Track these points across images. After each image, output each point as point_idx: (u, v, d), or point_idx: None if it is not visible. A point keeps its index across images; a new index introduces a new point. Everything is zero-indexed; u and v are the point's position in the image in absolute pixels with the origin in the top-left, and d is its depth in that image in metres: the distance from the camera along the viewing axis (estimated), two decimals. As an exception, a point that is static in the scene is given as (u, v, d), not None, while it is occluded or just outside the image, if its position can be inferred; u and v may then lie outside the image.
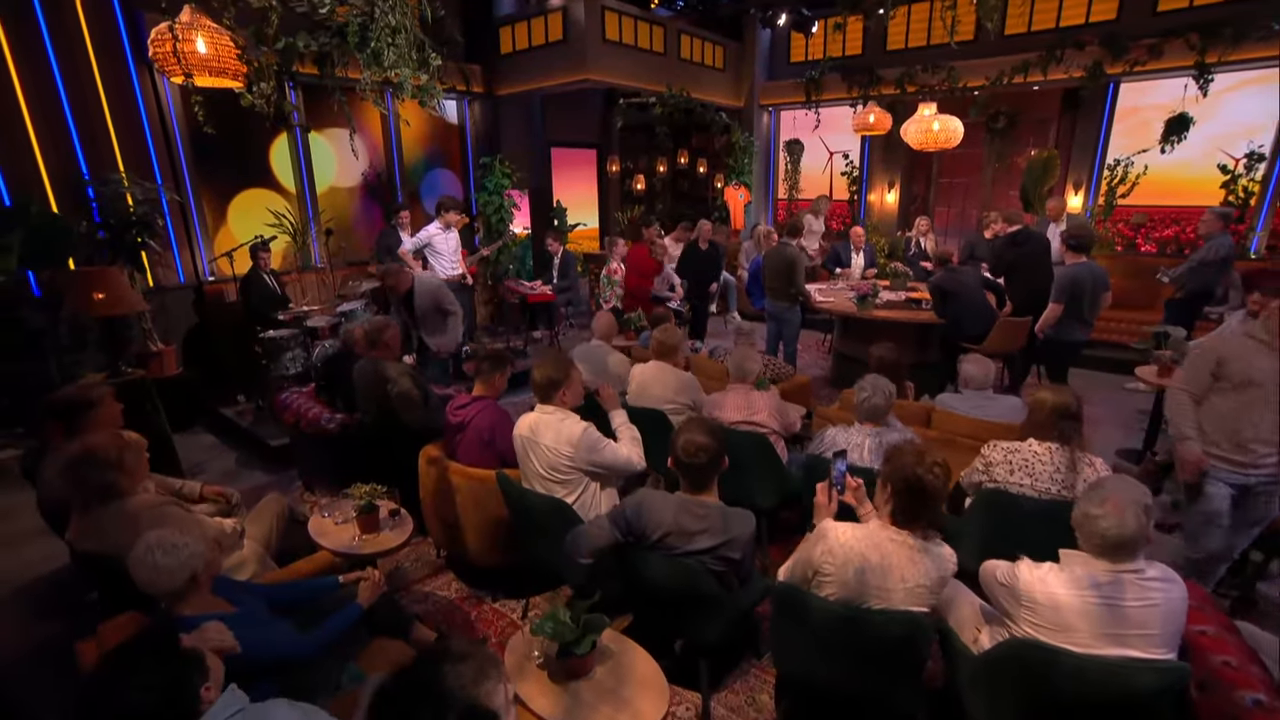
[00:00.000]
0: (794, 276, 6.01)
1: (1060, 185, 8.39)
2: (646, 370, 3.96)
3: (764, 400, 3.52)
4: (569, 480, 2.78)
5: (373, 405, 3.65)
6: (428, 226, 5.69)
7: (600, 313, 4.43)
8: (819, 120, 9.71)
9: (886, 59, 9.03)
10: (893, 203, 10.15)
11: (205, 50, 2.82)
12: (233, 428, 5.57)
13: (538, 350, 7.45)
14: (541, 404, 2.86)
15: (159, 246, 5.61)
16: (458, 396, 3.34)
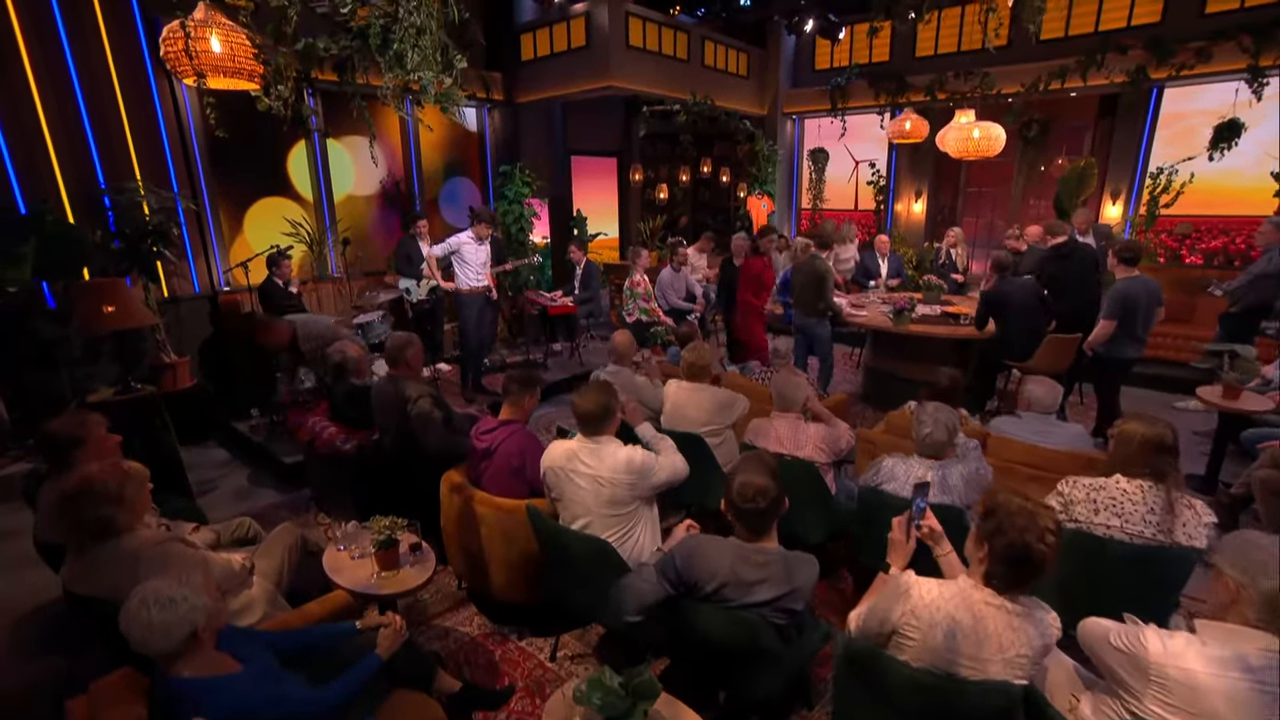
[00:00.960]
0: (823, 290, 5.77)
1: (1097, 195, 8.08)
2: (681, 392, 3.72)
3: (814, 433, 3.26)
4: (626, 513, 2.55)
5: (391, 426, 3.43)
6: (459, 234, 5.49)
7: (618, 331, 4.19)
8: (845, 128, 9.47)
9: (915, 65, 8.77)
10: (920, 213, 9.86)
11: (220, 49, 2.63)
12: (245, 443, 5.39)
13: (559, 364, 7.23)
14: (587, 436, 2.61)
15: (174, 256, 5.46)
16: (484, 419, 3.12)
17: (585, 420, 2.59)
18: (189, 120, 5.69)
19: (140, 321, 3.39)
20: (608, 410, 2.59)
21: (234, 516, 4.28)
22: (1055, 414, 3.71)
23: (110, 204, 5.16)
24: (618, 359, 4.08)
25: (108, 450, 2.69)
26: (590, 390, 2.61)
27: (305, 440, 3.76)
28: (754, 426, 3.39)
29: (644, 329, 6.57)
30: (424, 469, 3.34)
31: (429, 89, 3.49)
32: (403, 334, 3.42)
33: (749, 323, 6.22)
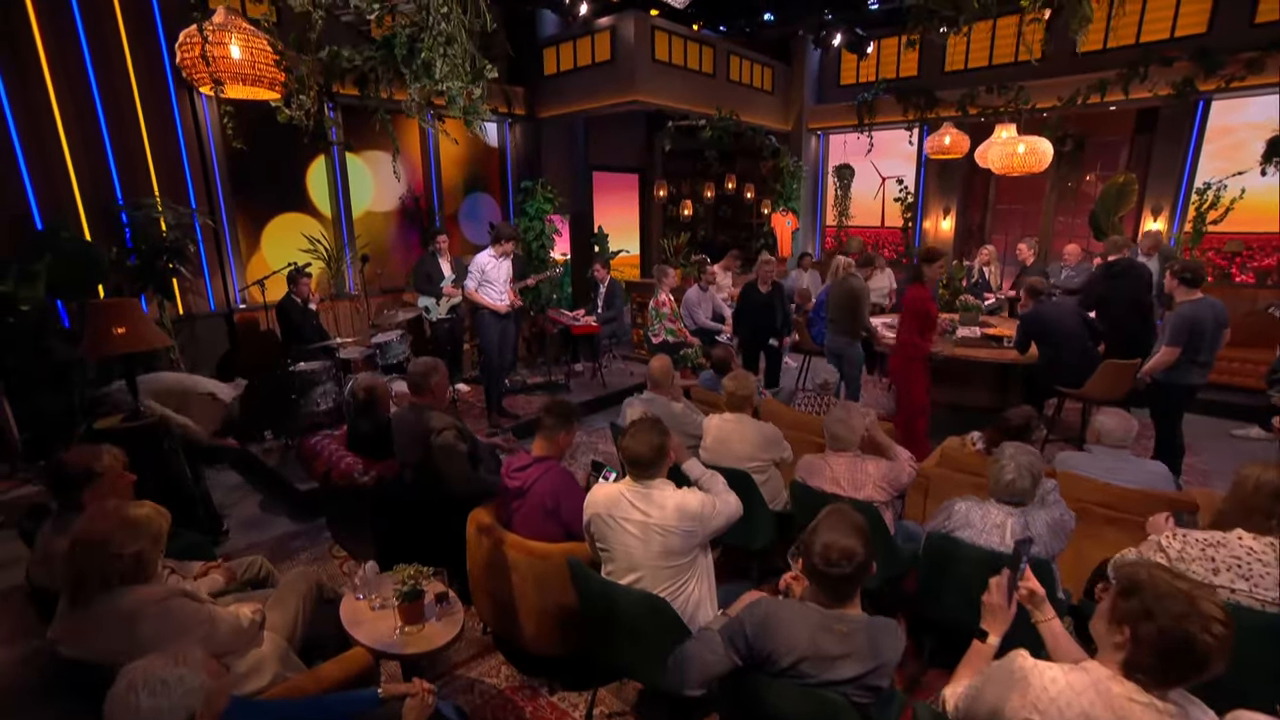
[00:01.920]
0: (858, 311, 5.50)
1: (1135, 211, 7.78)
2: (725, 424, 3.45)
3: (874, 471, 2.98)
4: (682, 564, 2.29)
5: (413, 458, 3.19)
6: (480, 255, 5.29)
7: (655, 357, 3.93)
8: (872, 144, 9.24)
9: (945, 80, 8.55)
10: (948, 230, 9.59)
11: (239, 55, 2.44)
12: (259, 467, 5.17)
13: (581, 385, 6.98)
14: (638, 480, 2.35)
15: (190, 274, 5.30)
16: (516, 455, 2.86)
17: (636, 464, 2.33)
18: (209, 135, 5.55)
19: (151, 344, 3.19)
20: (661, 452, 2.33)
21: (245, 548, 4.14)
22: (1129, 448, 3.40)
23: (127, 220, 5.01)
24: (654, 386, 3.83)
25: (120, 490, 2.46)
26: (641, 431, 2.35)
27: (321, 472, 3.52)
28: (806, 464, 3.12)
29: (671, 351, 6.31)
30: (448, 505, 3.10)
31: (457, 100, 3.28)
32: (427, 359, 3.18)
33: (910, 372, 4.73)
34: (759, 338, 6.20)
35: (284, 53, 2.58)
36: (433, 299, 6.22)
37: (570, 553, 2.64)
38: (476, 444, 3.22)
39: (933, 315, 4.75)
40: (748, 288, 6.21)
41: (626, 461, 2.37)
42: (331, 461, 3.50)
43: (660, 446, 2.34)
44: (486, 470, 3.19)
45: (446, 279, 6.22)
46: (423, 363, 3.15)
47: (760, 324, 6.14)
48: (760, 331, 6.17)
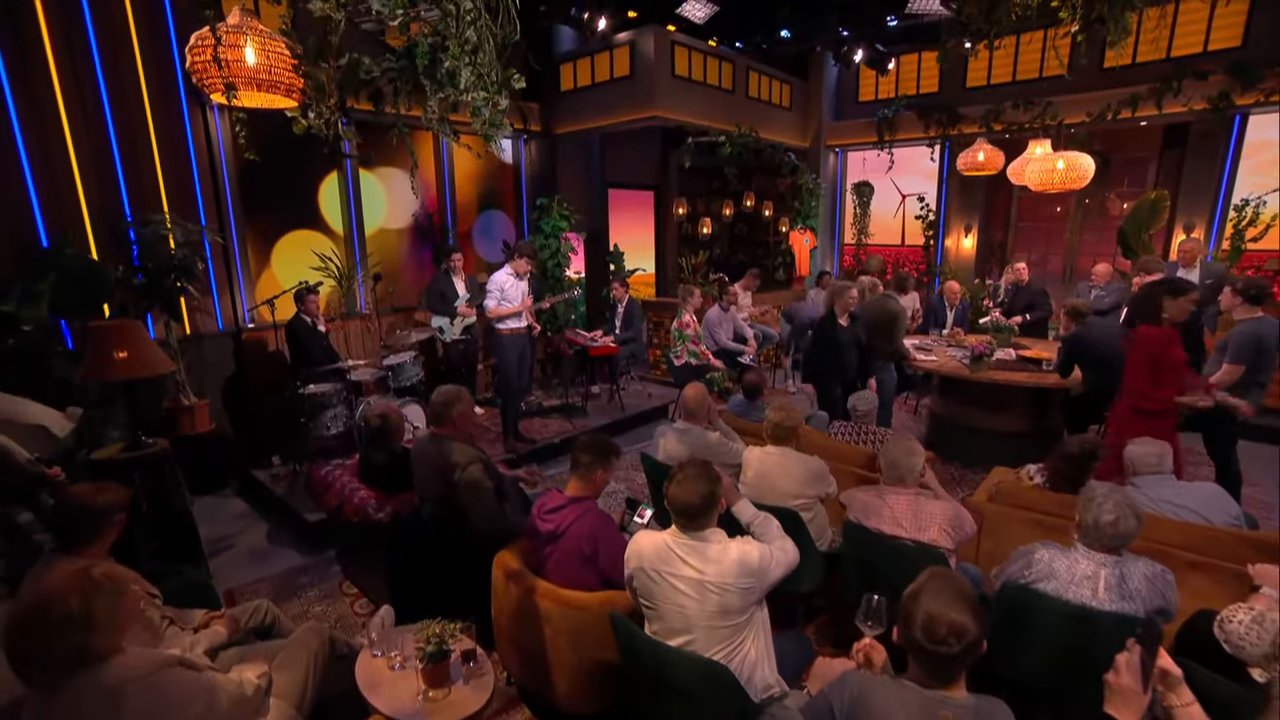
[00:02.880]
0: (894, 333, 5.27)
1: (1167, 229, 7.55)
2: (768, 458, 3.20)
3: (939, 512, 2.72)
4: (738, 623, 2.04)
5: (433, 494, 2.95)
6: (497, 273, 5.08)
7: (691, 385, 3.69)
8: (892, 161, 9.06)
9: (967, 96, 8.38)
10: (970, 248, 9.38)
11: (255, 60, 2.25)
12: (265, 495, 4.94)
13: (598, 408, 6.74)
14: (687, 531, 2.11)
15: (198, 292, 5.10)
16: (548, 494, 2.62)
17: (686, 513, 2.08)
18: (220, 149, 5.40)
19: (154, 370, 2.97)
20: (713, 501, 2.09)
21: (250, 584, 3.89)
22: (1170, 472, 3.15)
23: (135, 237, 4.83)
24: (688, 415, 3.58)
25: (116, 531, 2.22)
26: (689, 478, 2.10)
27: (333, 505, 3.28)
28: (861, 502, 2.86)
29: (694, 373, 6.08)
30: (470, 545, 2.85)
31: (482, 111, 3.08)
32: (450, 388, 2.95)
33: (1141, 430, 3.55)
34: (833, 384, 5.03)
35: (302, 57, 2.39)
36: (446, 319, 6.01)
37: (609, 603, 2.39)
38: (502, 480, 2.98)
39: (1176, 362, 3.83)
40: (825, 323, 5.13)
41: (674, 511, 2.12)
42: (344, 495, 3.25)
43: (711, 495, 2.09)
44: (512, 508, 2.95)
45: (461, 298, 6.01)
46: (446, 392, 2.92)
47: (835, 367, 5.00)
48: (834, 375, 5.01)
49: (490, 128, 3.85)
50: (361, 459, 3.45)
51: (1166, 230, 7.57)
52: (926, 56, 8.72)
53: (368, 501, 3.17)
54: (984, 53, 7.91)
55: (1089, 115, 7.16)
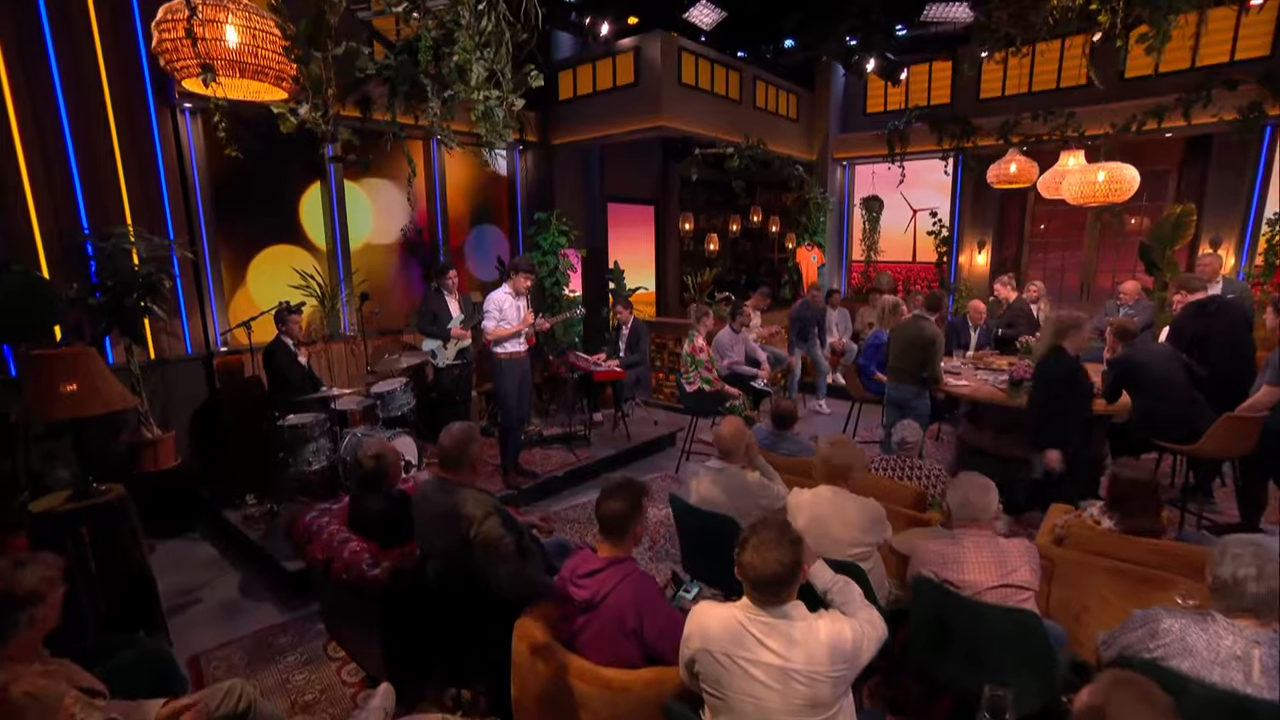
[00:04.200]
0: (931, 358, 5.03)
1: (1192, 245, 7.43)
2: (820, 501, 2.88)
3: (1020, 552, 2.43)
4: (832, 714, 1.73)
5: (439, 549, 2.59)
6: (495, 292, 4.76)
7: (726, 420, 3.37)
8: (904, 175, 8.91)
9: (980, 107, 8.26)
10: (983, 265, 9.22)
11: (238, 39, 1.92)
12: (238, 539, 4.52)
13: (602, 437, 6.39)
14: (765, 607, 1.78)
15: (164, 312, 4.71)
16: (579, 555, 2.27)
17: (765, 585, 1.75)
18: (191, 155, 5.05)
19: (109, 405, 2.60)
20: (797, 568, 1.77)
21: (218, 647, 3.46)
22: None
23: (93, 252, 4.44)
24: (724, 454, 3.25)
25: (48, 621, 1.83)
26: (767, 543, 1.76)
27: (320, 560, 2.90)
28: (935, 553, 2.54)
29: (707, 400, 5.77)
30: (484, 609, 2.49)
31: (495, 113, 2.78)
32: (462, 427, 2.61)
33: None
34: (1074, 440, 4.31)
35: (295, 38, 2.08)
36: (439, 342, 5.66)
37: (657, 684, 2.05)
38: (523, 533, 2.62)
39: None
40: (1059, 366, 4.27)
41: (750, 583, 1.79)
42: (332, 548, 2.87)
43: (795, 564, 1.78)
44: (533, 563, 2.59)
45: (454, 319, 5.67)
46: (458, 433, 2.56)
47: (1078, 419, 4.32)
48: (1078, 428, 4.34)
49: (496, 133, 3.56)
50: (352, 505, 3.08)
51: (1191, 246, 7.44)
52: (938, 67, 8.62)
53: (360, 556, 2.80)
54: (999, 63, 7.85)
55: (1112, 126, 7.03)
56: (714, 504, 3.22)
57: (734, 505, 3.19)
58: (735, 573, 1.83)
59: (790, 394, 7.85)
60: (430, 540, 2.63)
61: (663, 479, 5.81)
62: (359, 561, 2.78)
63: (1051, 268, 9.23)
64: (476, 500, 2.46)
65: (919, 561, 2.59)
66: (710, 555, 3.39)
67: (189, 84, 2.05)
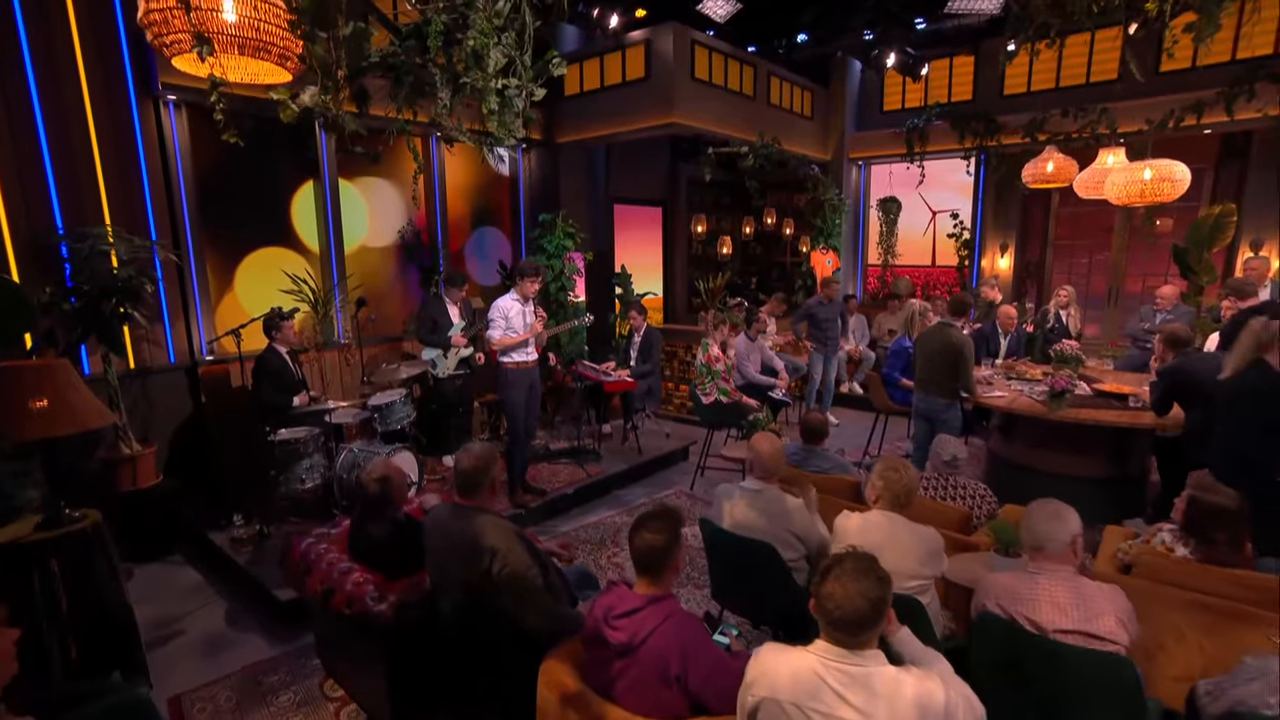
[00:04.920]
0: (961, 367, 4.88)
1: (1230, 246, 7.30)
2: (872, 527, 2.69)
3: (1106, 597, 2.24)
4: None
5: (454, 582, 2.40)
6: (501, 299, 4.59)
7: (763, 437, 3.19)
8: (923, 175, 8.78)
9: (1004, 104, 8.15)
10: (1006, 269, 9.09)
11: (237, 12, 1.75)
12: (224, 563, 4.32)
13: (612, 450, 6.20)
14: (842, 645, 1.60)
15: (145, 319, 4.52)
16: (613, 593, 2.08)
17: (848, 625, 1.58)
18: (175, 150, 4.87)
19: (83, 424, 2.41)
20: (884, 606, 1.60)
21: (204, 684, 3.25)
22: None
23: (68, 253, 4.26)
24: (761, 474, 3.08)
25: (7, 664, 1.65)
26: (849, 573, 1.60)
27: (317, 593, 2.71)
28: (1004, 587, 2.35)
29: (726, 413, 5.60)
30: (506, 650, 2.31)
31: (514, 102, 2.62)
32: (481, 447, 2.42)
33: None
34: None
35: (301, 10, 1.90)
36: (439, 350, 5.48)
37: (706, 739, 1.87)
38: (548, 565, 2.44)
39: None
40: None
41: (828, 620, 1.61)
42: (332, 579, 2.68)
43: (882, 602, 1.61)
44: (559, 598, 2.41)
45: (456, 327, 5.49)
46: (477, 455, 2.37)
47: None
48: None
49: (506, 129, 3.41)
50: (354, 530, 2.89)
51: (1230, 248, 7.32)
52: (959, 62, 8.52)
53: (364, 589, 2.61)
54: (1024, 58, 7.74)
55: (1148, 122, 6.90)
56: (750, 529, 3.04)
57: (772, 531, 3.01)
58: (810, 608, 1.66)
59: (809, 404, 7.70)
60: (445, 572, 2.44)
61: (677, 495, 5.64)
62: (363, 594, 2.59)
63: (1077, 272, 9.10)
64: (499, 529, 2.28)
65: (985, 594, 2.41)
66: (744, 585, 3.21)
67: (180, 64, 1.88)
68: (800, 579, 3.05)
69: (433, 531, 2.48)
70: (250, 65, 1.98)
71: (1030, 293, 9.25)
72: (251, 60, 1.90)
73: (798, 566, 3.06)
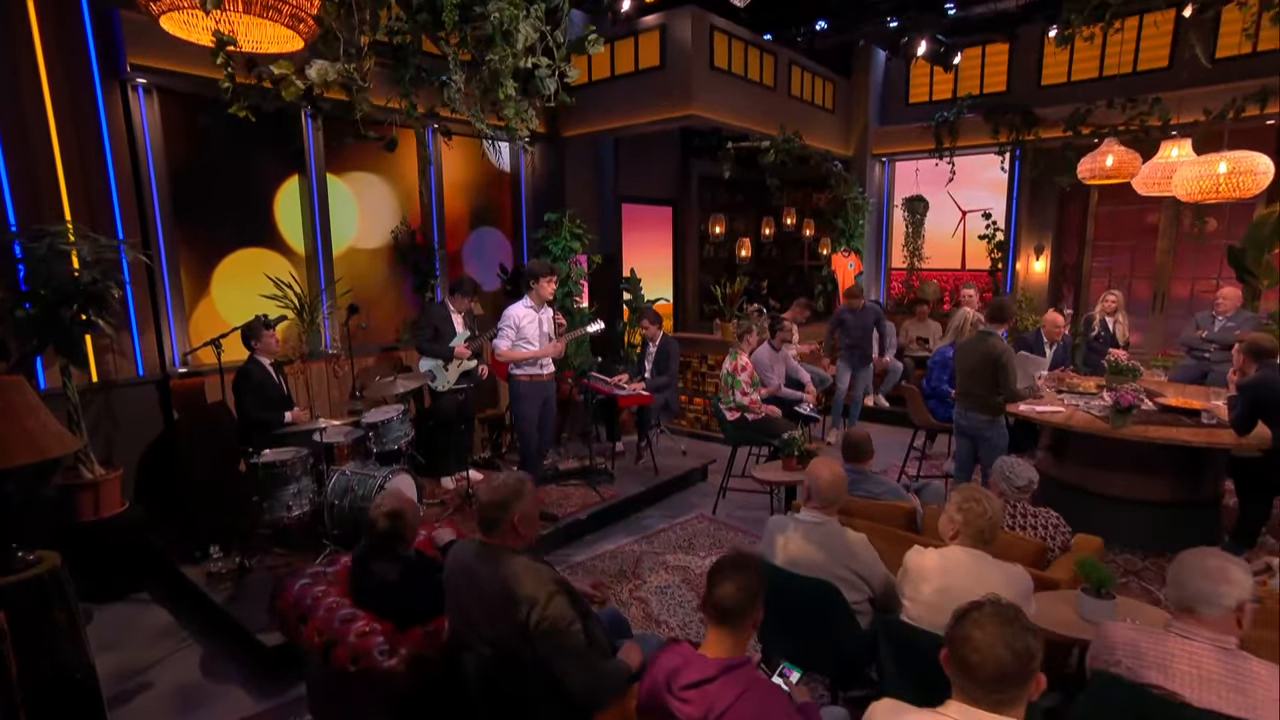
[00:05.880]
0: (1002, 377, 4.68)
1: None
2: (952, 565, 2.46)
3: (1269, 679, 1.98)
4: None
5: (480, 635, 2.14)
6: (513, 306, 4.37)
7: (823, 462, 2.96)
8: (954, 172, 8.63)
9: (1043, 95, 8.01)
10: (1041, 272, 8.94)
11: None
12: (199, 601, 4.05)
13: (625, 470, 5.96)
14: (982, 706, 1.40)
15: (111, 327, 4.25)
16: (673, 652, 1.83)
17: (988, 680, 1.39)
18: (145, 140, 4.63)
19: (40, 452, 2.16)
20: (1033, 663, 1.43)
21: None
22: None
23: (21, 253, 4.00)
24: (820, 503, 2.85)
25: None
26: (995, 619, 1.44)
27: (316, 645, 2.44)
28: (1129, 643, 2.10)
29: (753, 430, 5.39)
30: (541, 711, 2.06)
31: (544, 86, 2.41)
32: (511, 477, 2.17)
33: None
34: None
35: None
36: (439, 362, 5.24)
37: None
38: (589, 613, 2.19)
39: None
40: None
41: (965, 674, 1.40)
42: (333, 630, 2.42)
43: (1030, 657, 1.43)
44: (600, 651, 2.16)
45: (459, 336, 5.25)
46: (503, 486, 2.12)
47: None
48: None
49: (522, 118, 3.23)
50: (357, 571, 2.63)
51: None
52: (992, 50, 8.39)
53: (371, 640, 2.35)
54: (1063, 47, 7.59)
55: (1206, 113, 6.75)
56: (808, 566, 2.81)
57: (833, 569, 2.79)
58: (941, 660, 1.46)
59: (835, 419, 7.51)
60: (469, 621, 2.18)
61: (698, 520, 5.41)
62: (370, 648, 2.33)
63: (1117, 275, 8.95)
64: (536, 575, 2.03)
65: (1105, 648, 2.17)
66: (797, 628, 2.96)
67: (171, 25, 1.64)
68: (864, 622, 2.84)
69: (455, 574, 2.23)
70: (256, 29, 1.74)
71: (1067, 298, 9.10)
72: (258, 23, 1.66)
73: (860, 609, 2.84)
